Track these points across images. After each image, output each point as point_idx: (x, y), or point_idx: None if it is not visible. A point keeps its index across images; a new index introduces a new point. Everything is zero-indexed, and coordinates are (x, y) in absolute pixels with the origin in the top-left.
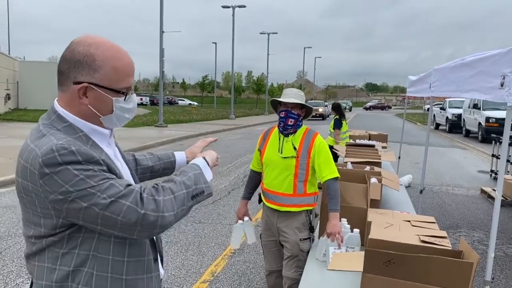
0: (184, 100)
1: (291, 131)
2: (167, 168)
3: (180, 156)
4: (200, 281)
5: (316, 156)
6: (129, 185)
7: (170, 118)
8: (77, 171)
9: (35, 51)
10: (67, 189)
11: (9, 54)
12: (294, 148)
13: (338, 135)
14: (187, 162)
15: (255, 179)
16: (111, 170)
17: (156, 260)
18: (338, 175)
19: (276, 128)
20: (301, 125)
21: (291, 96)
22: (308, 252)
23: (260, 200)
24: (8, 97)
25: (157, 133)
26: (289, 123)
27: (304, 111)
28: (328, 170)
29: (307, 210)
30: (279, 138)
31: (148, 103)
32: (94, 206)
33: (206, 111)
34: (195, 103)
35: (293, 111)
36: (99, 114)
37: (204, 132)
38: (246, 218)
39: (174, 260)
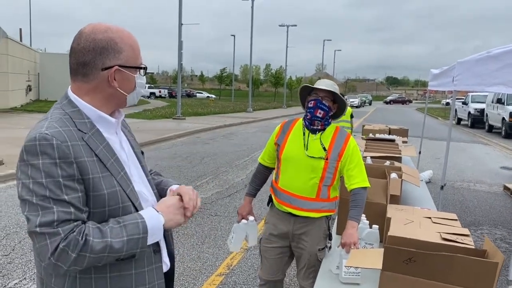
0: (202, 93)
1: (319, 127)
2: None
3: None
4: (216, 274)
5: (348, 161)
6: (64, 221)
7: (188, 110)
8: (44, 172)
9: (56, 43)
10: (28, 183)
11: (30, 46)
12: (324, 148)
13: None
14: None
15: (264, 174)
16: (104, 161)
17: (157, 251)
18: (369, 185)
19: (299, 121)
20: (330, 122)
21: (325, 85)
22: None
23: (269, 202)
24: (29, 88)
25: (175, 125)
26: (318, 114)
27: (336, 108)
28: (360, 178)
29: (326, 216)
30: (304, 134)
31: (167, 95)
32: (28, 219)
33: (224, 104)
34: (213, 96)
35: (324, 102)
36: (125, 93)
37: (221, 125)
38: (251, 218)
39: (190, 252)
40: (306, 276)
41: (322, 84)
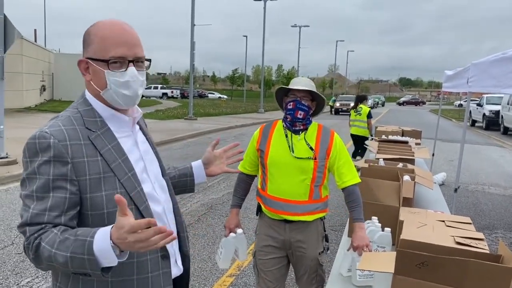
0: (214, 94)
1: (301, 128)
2: (184, 174)
3: (196, 162)
4: (226, 275)
5: (337, 158)
6: (34, 223)
7: (200, 111)
8: (38, 169)
9: (70, 43)
10: (25, 179)
11: (45, 46)
12: (311, 148)
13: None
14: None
15: (246, 183)
16: (109, 161)
17: (165, 257)
18: (360, 180)
19: (279, 123)
20: (311, 121)
21: (301, 84)
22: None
23: (257, 211)
24: (43, 88)
25: (187, 126)
26: (299, 115)
27: (315, 105)
28: (350, 175)
29: (320, 218)
30: (286, 136)
31: (179, 96)
32: (24, 209)
33: (236, 104)
34: (225, 97)
35: (303, 102)
36: (98, 89)
37: (233, 125)
38: (239, 231)
39: (201, 253)
40: (309, 282)
41: (299, 83)
